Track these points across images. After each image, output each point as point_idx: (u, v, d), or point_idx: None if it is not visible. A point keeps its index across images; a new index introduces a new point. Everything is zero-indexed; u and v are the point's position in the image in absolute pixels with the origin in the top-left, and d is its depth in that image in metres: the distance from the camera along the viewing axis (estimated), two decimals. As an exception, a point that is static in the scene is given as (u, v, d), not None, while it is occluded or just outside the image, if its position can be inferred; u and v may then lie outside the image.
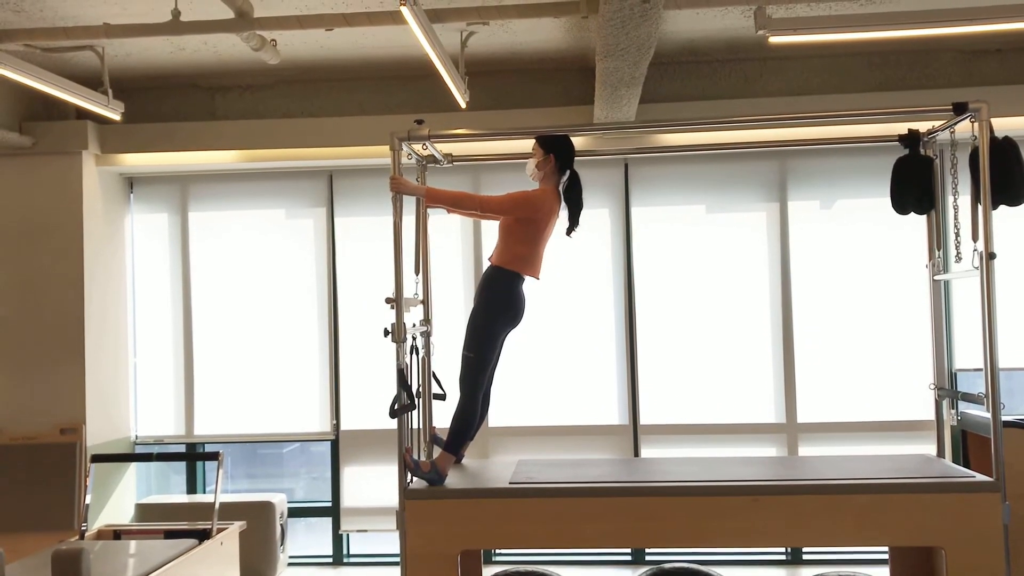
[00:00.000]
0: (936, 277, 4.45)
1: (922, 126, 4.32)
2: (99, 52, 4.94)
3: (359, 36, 5.14)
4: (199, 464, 6.35)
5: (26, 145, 5.67)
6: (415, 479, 3.95)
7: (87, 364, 5.72)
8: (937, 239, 4.43)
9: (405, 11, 3.68)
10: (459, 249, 6.12)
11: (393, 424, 3.93)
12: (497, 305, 4.11)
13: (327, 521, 6.23)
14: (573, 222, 4.22)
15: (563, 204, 4.21)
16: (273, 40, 4.84)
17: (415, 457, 4.02)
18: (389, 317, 3.93)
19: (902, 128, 4.35)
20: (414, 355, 4.12)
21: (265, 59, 4.92)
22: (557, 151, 4.16)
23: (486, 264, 4.22)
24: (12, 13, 4.63)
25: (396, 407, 3.89)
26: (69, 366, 5.70)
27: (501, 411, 5.96)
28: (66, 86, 4.73)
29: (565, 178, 4.20)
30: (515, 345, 5.86)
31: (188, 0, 4.40)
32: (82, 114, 5.74)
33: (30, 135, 5.70)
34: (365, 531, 6.18)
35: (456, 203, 4.17)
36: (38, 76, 4.53)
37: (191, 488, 6.37)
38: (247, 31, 4.39)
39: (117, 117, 5.21)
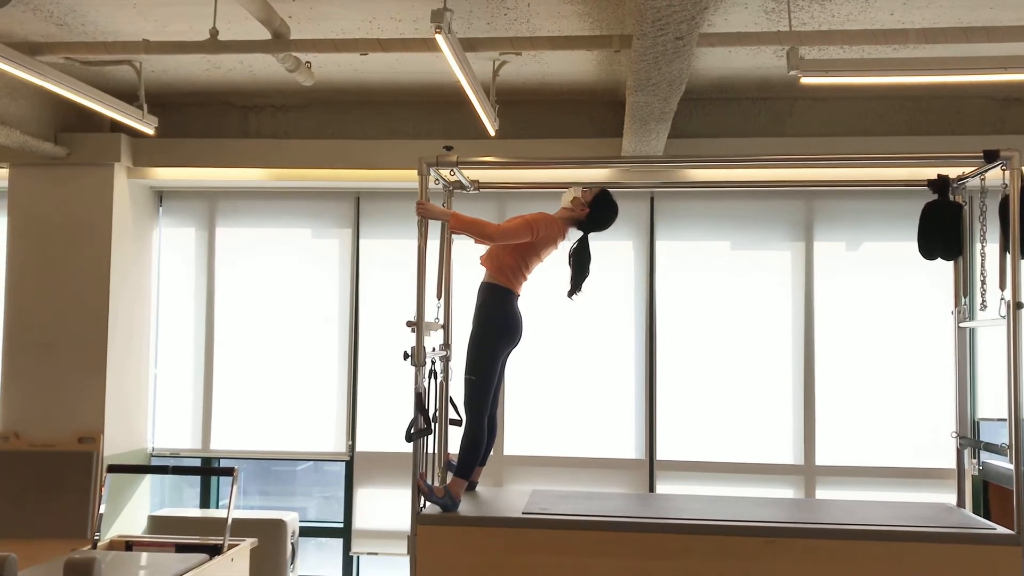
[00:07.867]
0: (961, 324, 4.41)
1: (952, 172, 4.30)
2: (136, 67, 5.01)
3: (393, 61, 5.20)
4: (213, 479, 6.37)
5: (60, 155, 5.76)
6: (428, 504, 3.94)
7: (108, 374, 5.76)
8: (964, 286, 4.40)
9: (440, 39, 3.72)
10: (482, 274, 6.11)
11: (408, 447, 3.93)
12: (495, 327, 4.15)
13: (338, 542, 6.21)
14: (575, 286, 4.29)
15: (566, 241, 4.30)
16: (308, 62, 4.89)
17: (429, 482, 4.01)
18: (409, 340, 3.94)
19: (931, 173, 4.34)
20: (432, 379, 4.13)
21: (299, 80, 4.97)
22: (596, 211, 4.25)
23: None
24: (55, 26, 4.72)
25: (412, 431, 3.88)
26: (91, 375, 5.74)
27: (517, 440, 5.95)
28: (102, 99, 4.79)
29: (577, 239, 4.28)
30: (534, 374, 5.91)
31: (226, 20, 4.47)
32: (116, 127, 5.83)
33: (65, 146, 5.78)
34: (376, 554, 6.15)
35: (480, 231, 4.17)
36: (76, 88, 4.59)
37: (204, 502, 6.38)
38: (283, 52, 4.45)
39: (151, 131, 5.28)
